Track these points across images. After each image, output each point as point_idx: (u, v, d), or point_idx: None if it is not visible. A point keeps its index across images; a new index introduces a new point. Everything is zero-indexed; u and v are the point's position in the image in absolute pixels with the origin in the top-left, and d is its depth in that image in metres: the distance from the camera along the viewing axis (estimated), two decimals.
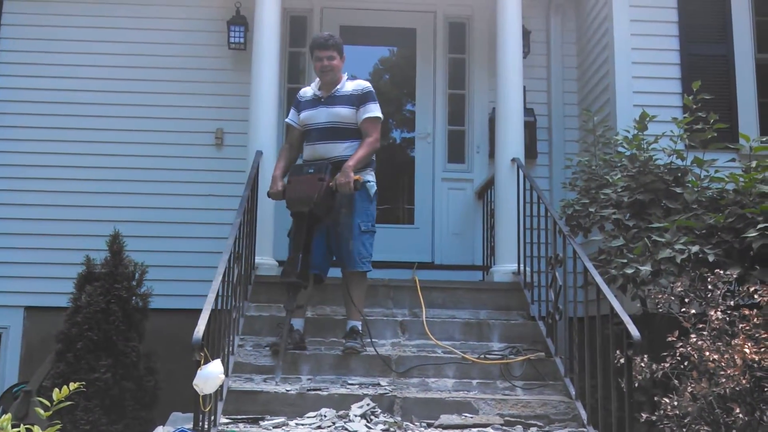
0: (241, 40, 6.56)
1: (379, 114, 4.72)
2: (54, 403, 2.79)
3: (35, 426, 2.73)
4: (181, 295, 5.95)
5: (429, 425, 3.96)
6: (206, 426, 3.40)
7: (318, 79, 4.85)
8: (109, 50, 6.60)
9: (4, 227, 6.30)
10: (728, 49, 6.08)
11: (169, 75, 6.61)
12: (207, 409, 3.36)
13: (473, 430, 3.88)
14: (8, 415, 2.74)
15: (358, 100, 4.69)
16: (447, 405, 4.12)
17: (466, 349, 4.72)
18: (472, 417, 4.03)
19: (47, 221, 6.33)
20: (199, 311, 3.49)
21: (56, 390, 2.80)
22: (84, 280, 5.34)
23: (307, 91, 4.91)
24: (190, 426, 3.31)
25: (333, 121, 4.70)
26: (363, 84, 4.79)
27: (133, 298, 5.33)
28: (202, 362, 3.26)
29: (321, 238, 4.66)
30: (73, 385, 2.84)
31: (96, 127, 6.49)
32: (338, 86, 4.76)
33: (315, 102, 4.79)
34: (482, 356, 4.64)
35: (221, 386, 3.57)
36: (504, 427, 3.95)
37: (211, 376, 3.20)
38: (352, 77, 4.86)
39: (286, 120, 4.99)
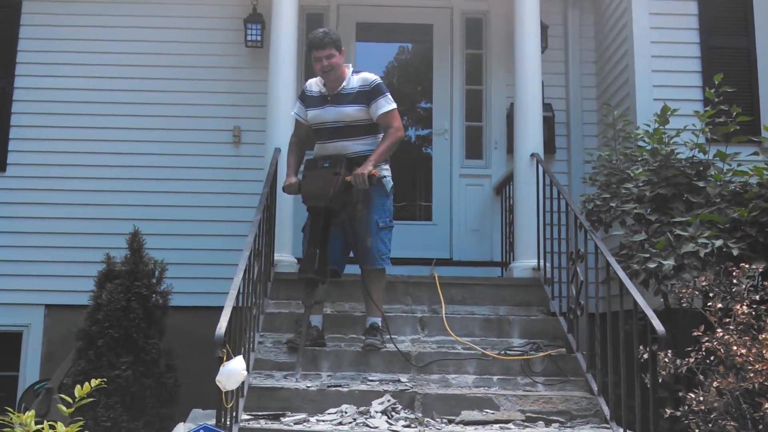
0: (258, 37, 6.55)
1: (393, 105, 4.59)
2: (75, 400, 2.80)
3: (58, 423, 2.74)
4: (199, 292, 5.99)
5: (450, 421, 3.94)
6: (228, 422, 3.40)
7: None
8: (127, 49, 6.63)
9: (25, 226, 6.34)
10: (750, 42, 6.02)
11: (187, 73, 6.62)
12: (229, 406, 3.36)
13: (494, 426, 3.86)
14: (31, 412, 2.76)
15: (367, 96, 4.57)
16: (468, 401, 4.10)
17: (486, 345, 4.70)
18: (493, 413, 4.01)
19: (67, 220, 6.36)
20: (217, 309, 3.49)
21: (78, 387, 2.81)
22: (104, 278, 5.37)
23: (313, 86, 4.76)
24: (212, 423, 3.31)
25: (342, 120, 4.61)
26: (369, 78, 4.63)
27: (153, 295, 5.36)
28: (224, 359, 3.25)
29: (338, 233, 4.63)
30: (94, 382, 2.85)
31: (114, 126, 6.51)
32: (344, 83, 4.62)
33: (322, 100, 4.67)
34: (502, 352, 4.61)
35: (242, 383, 3.56)
36: (525, 423, 3.94)
37: (233, 372, 3.20)
38: (357, 71, 4.70)
39: (293, 113, 4.87)
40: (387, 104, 4.58)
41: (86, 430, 2.86)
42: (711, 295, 3.73)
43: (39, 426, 2.70)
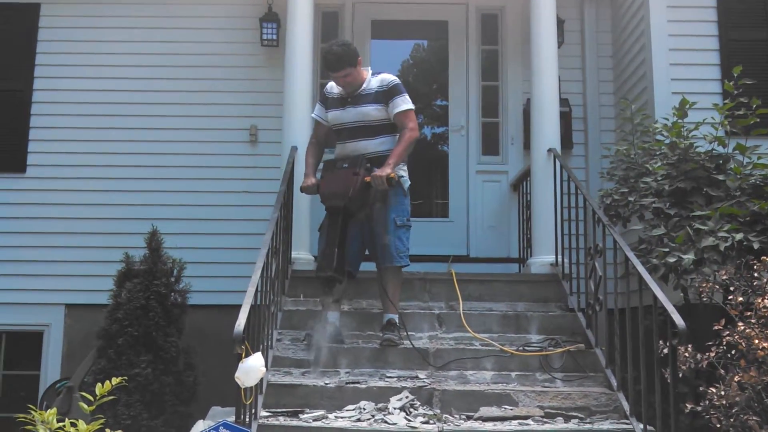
0: (274, 36, 6.57)
1: (410, 105, 4.64)
2: (96, 398, 2.83)
3: (79, 420, 2.76)
4: (217, 291, 6.02)
5: (469, 417, 3.93)
6: (247, 419, 3.41)
7: None
8: (144, 50, 6.68)
9: (45, 226, 6.40)
10: None
11: (203, 73, 6.64)
12: (248, 402, 3.37)
13: (513, 422, 3.85)
14: (53, 410, 2.79)
15: (385, 96, 4.63)
16: (486, 397, 4.08)
17: (504, 342, 4.68)
18: (512, 409, 3.99)
19: (86, 220, 6.42)
20: (235, 307, 3.50)
21: (99, 385, 2.84)
22: (123, 277, 5.41)
23: (334, 87, 4.81)
24: (231, 419, 3.32)
25: (361, 120, 4.66)
26: (387, 78, 4.69)
27: (172, 294, 5.39)
28: (243, 355, 3.27)
29: (355, 233, 4.64)
30: (114, 380, 2.88)
31: (132, 126, 6.56)
32: (363, 85, 4.68)
33: (342, 101, 4.73)
34: (521, 348, 4.60)
35: (261, 380, 3.58)
36: (544, 419, 3.92)
37: (252, 369, 3.21)
38: (376, 73, 4.76)
39: (312, 115, 4.95)
40: (403, 104, 4.62)
41: (107, 428, 2.87)
42: (732, 288, 3.70)
43: (61, 424, 2.73)
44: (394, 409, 3.89)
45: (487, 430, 3.72)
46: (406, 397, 4.00)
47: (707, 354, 3.46)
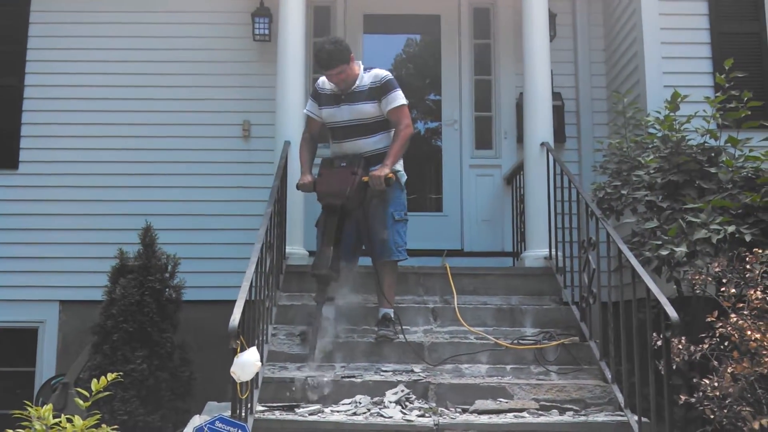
0: (266, 31, 6.56)
1: (403, 101, 4.60)
2: (92, 394, 2.83)
3: (75, 416, 2.77)
4: (212, 286, 6.00)
5: (464, 410, 3.95)
6: (243, 414, 3.42)
7: None
8: (136, 45, 6.65)
9: (38, 223, 6.38)
10: (760, 26, 5.98)
11: (196, 68, 6.63)
12: (244, 397, 3.38)
13: (509, 414, 3.87)
14: (49, 406, 2.79)
15: (378, 92, 4.59)
16: (481, 390, 4.11)
17: (499, 335, 4.70)
18: (507, 402, 4.02)
19: (80, 216, 6.40)
20: (230, 302, 3.50)
21: (94, 381, 2.84)
22: (118, 273, 5.41)
23: (326, 83, 4.75)
24: (227, 414, 3.33)
25: (356, 118, 4.63)
26: (380, 74, 4.64)
27: (166, 289, 5.40)
28: (238, 350, 3.27)
29: (351, 230, 4.64)
30: (110, 376, 2.88)
31: (125, 122, 6.54)
32: (356, 82, 4.64)
33: (336, 99, 4.69)
34: (515, 342, 4.62)
35: (257, 374, 3.59)
36: (539, 412, 3.94)
37: (247, 363, 3.22)
38: (368, 68, 4.70)
39: (305, 111, 4.88)
40: (397, 99, 4.59)
41: (103, 424, 2.88)
42: (724, 281, 3.73)
43: (57, 420, 2.73)
44: (390, 402, 3.91)
45: (483, 422, 3.74)
46: (402, 391, 4.02)
47: (700, 346, 3.49)
